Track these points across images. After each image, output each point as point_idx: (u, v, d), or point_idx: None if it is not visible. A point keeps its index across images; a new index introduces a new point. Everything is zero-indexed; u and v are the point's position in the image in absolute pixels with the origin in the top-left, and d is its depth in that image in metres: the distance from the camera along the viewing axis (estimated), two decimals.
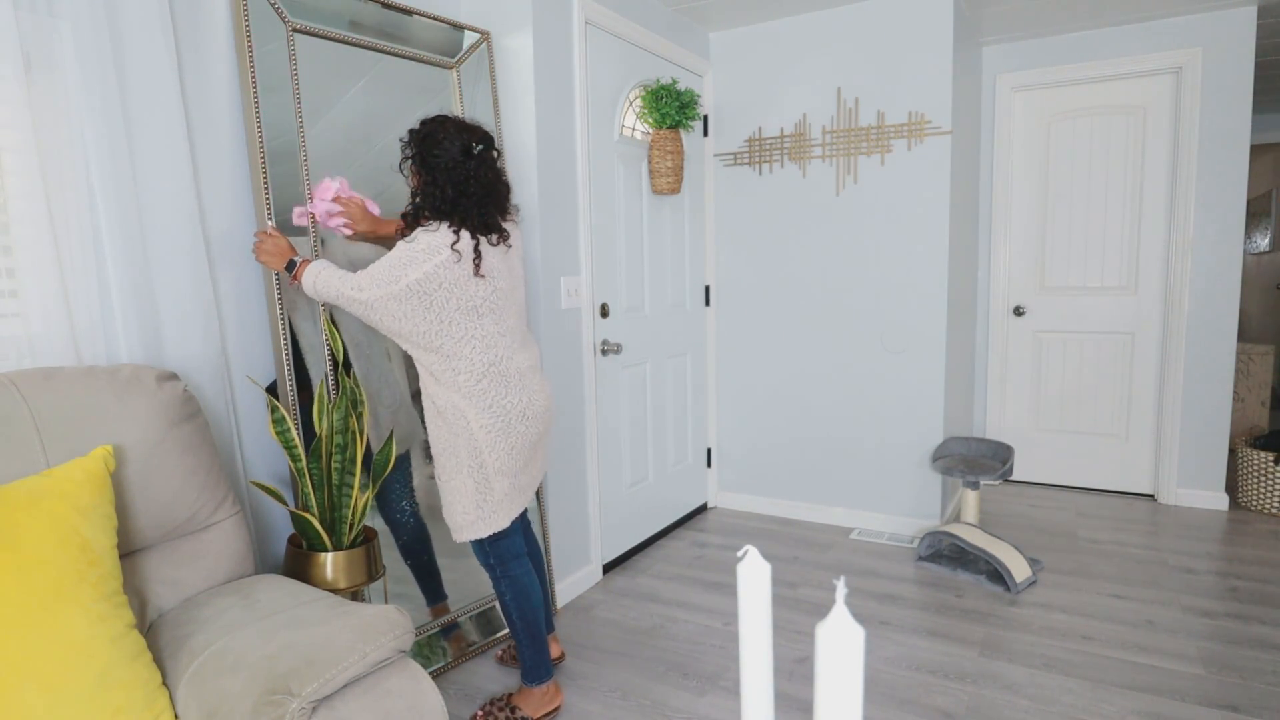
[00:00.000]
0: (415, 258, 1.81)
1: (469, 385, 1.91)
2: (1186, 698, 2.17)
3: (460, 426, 1.93)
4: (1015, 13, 3.51)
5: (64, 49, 1.63)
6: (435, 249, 1.81)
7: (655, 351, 3.45)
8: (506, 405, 1.94)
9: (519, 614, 2.06)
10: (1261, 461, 3.64)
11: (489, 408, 1.92)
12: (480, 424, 1.92)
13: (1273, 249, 6.30)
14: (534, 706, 2.09)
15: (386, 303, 1.82)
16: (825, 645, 0.55)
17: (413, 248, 1.81)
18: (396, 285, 1.81)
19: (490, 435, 1.93)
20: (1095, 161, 3.93)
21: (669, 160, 3.30)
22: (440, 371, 1.91)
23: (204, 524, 1.62)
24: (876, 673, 2.35)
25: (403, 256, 1.81)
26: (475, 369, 1.90)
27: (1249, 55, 3.51)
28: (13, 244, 1.60)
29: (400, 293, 1.81)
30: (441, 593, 2.46)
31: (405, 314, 1.83)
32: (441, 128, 1.89)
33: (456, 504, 1.99)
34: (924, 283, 3.36)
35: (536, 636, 2.08)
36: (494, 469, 1.96)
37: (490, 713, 2.08)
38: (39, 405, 1.39)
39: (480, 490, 1.97)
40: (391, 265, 1.82)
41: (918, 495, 3.49)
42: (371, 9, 2.30)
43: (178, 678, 1.30)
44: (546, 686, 2.11)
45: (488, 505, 1.98)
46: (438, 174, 1.86)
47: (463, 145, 1.87)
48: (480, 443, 1.94)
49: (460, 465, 1.96)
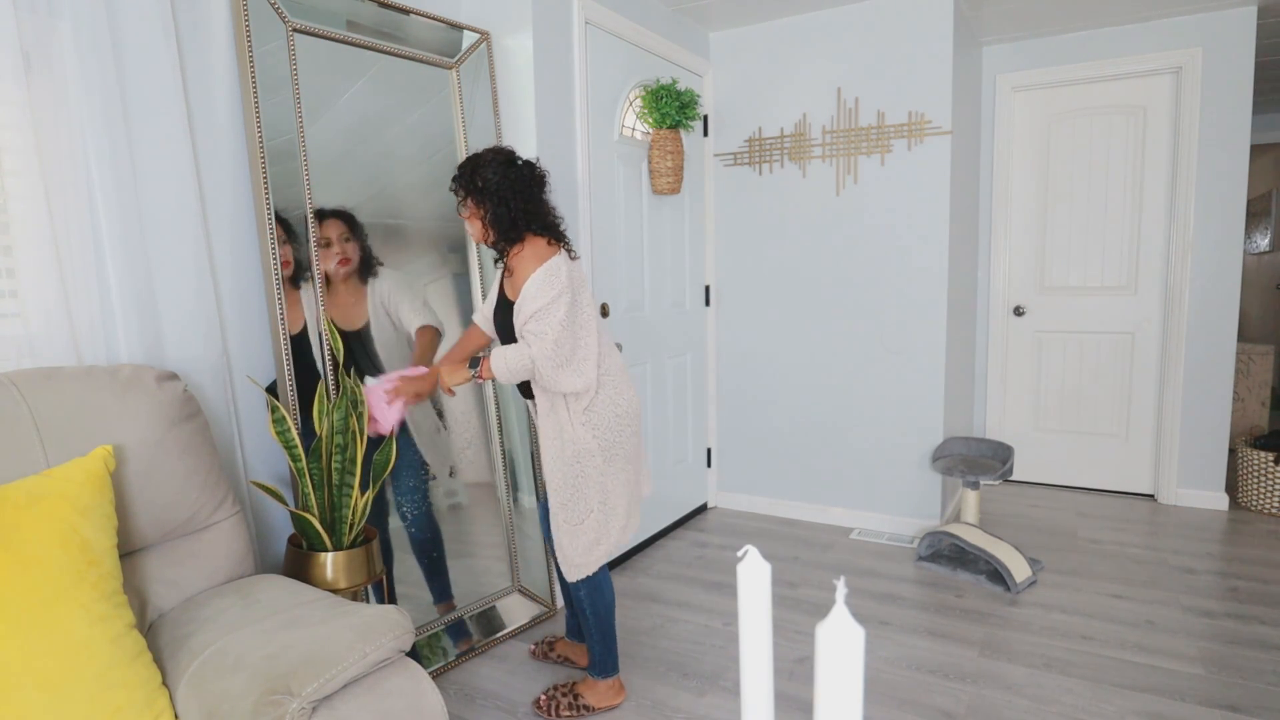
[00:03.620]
0: (550, 276, 1.88)
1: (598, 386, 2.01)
2: (1186, 698, 2.17)
3: (587, 460, 2.01)
4: (1015, 13, 3.51)
5: (64, 49, 1.63)
6: (547, 261, 1.90)
7: (655, 351, 3.45)
8: (618, 405, 2.04)
9: (592, 609, 2.10)
10: (1261, 461, 3.64)
11: (608, 405, 2.02)
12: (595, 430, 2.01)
13: (1273, 249, 6.30)
14: (598, 697, 2.15)
15: (560, 330, 1.88)
16: (825, 645, 0.55)
17: (534, 278, 1.88)
18: (558, 308, 1.88)
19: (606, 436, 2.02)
20: (1095, 161, 3.93)
21: (669, 160, 3.30)
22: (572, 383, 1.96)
23: (204, 524, 1.62)
24: (876, 673, 2.35)
25: (540, 286, 1.88)
26: (602, 366, 2.01)
27: (1249, 55, 3.51)
28: (13, 244, 1.60)
29: (563, 316, 1.88)
30: (449, 591, 2.48)
31: (568, 330, 1.91)
32: (479, 157, 1.97)
33: (581, 541, 2.05)
34: (924, 283, 3.36)
35: (607, 632, 2.12)
36: (614, 489, 2.04)
37: (554, 697, 2.14)
38: (39, 405, 1.39)
39: (607, 520, 2.05)
40: (541, 299, 1.88)
41: (918, 495, 3.49)
42: (371, 9, 2.30)
43: (178, 678, 1.30)
44: (613, 681, 2.16)
45: (615, 532, 2.07)
46: (493, 196, 1.92)
47: (504, 160, 1.95)
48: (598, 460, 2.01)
49: (590, 505, 2.03)
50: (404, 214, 2.40)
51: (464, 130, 2.56)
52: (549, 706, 2.13)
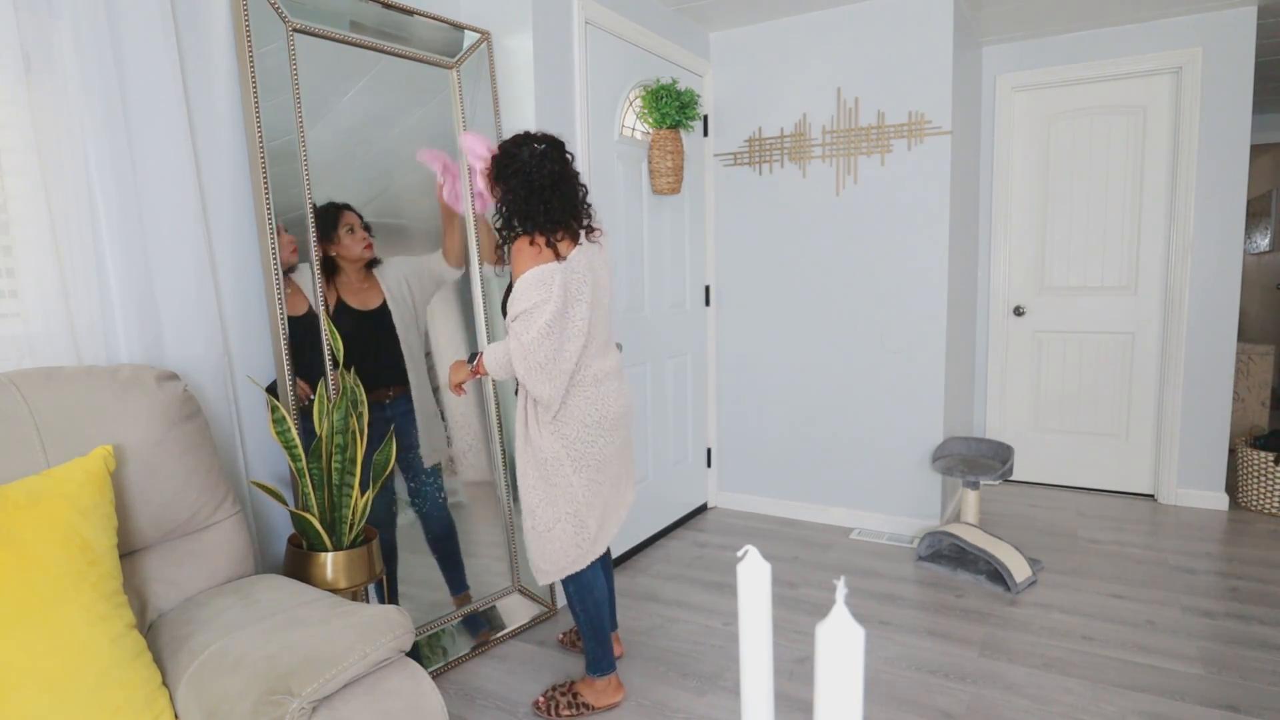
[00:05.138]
0: (540, 281, 1.88)
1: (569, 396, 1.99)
2: (1186, 698, 2.17)
3: (555, 468, 2.00)
4: (1015, 13, 3.51)
5: (64, 49, 1.63)
6: (543, 266, 1.89)
7: (655, 351, 3.45)
8: (591, 413, 2.01)
9: (582, 607, 2.11)
10: (1261, 461, 3.64)
11: (571, 415, 2.00)
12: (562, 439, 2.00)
13: (1273, 249, 6.30)
14: (596, 696, 2.16)
15: (539, 335, 1.88)
16: (825, 645, 0.55)
17: (526, 277, 1.89)
18: (542, 314, 1.87)
19: (574, 448, 2.01)
20: (1095, 161, 3.93)
21: (669, 160, 3.30)
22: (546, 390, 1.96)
23: (204, 524, 1.62)
24: (876, 673, 2.35)
25: (529, 288, 1.88)
26: (576, 376, 2.00)
27: (1249, 55, 3.51)
28: (13, 244, 1.60)
29: (544, 323, 1.87)
30: (464, 582, 2.51)
31: (548, 337, 1.90)
32: (514, 140, 1.99)
33: (549, 549, 2.05)
34: (924, 283, 3.36)
35: (599, 630, 2.13)
36: (584, 500, 2.03)
37: (553, 697, 2.15)
38: (39, 405, 1.39)
39: (577, 530, 2.04)
40: (526, 301, 1.88)
41: (918, 495, 3.49)
42: (371, 9, 2.30)
43: (178, 678, 1.30)
44: (608, 679, 2.17)
45: (584, 542, 2.06)
46: (511, 179, 1.95)
47: (530, 149, 1.96)
48: (567, 470, 2.01)
49: (559, 513, 2.02)
50: (404, 214, 2.40)
51: (464, 130, 2.56)
52: (548, 707, 2.13)
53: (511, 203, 1.95)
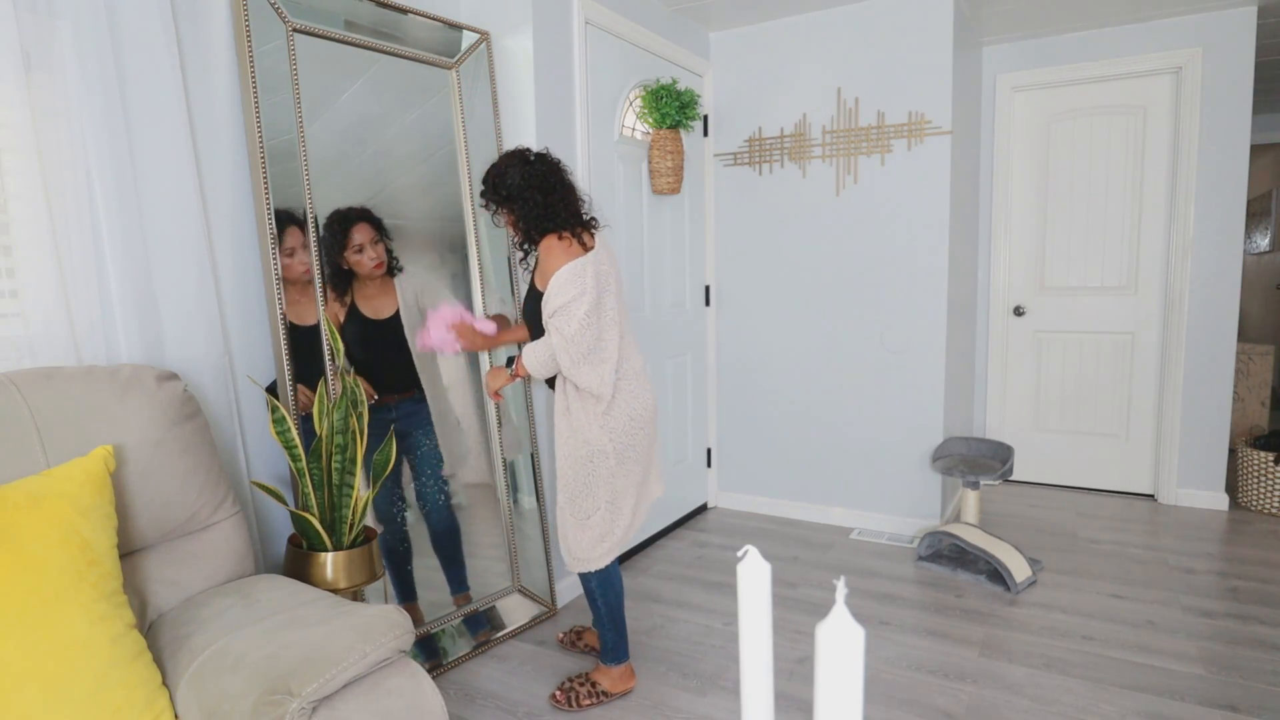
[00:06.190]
0: (575, 274, 1.94)
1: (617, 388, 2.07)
2: (1186, 698, 2.17)
3: (600, 460, 2.06)
4: (1015, 13, 3.51)
5: (64, 49, 1.63)
6: (575, 260, 1.95)
7: (655, 351, 3.45)
8: (634, 407, 2.09)
9: (604, 599, 2.18)
10: (1261, 461, 3.64)
11: (621, 409, 2.08)
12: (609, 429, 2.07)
13: (1273, 249, 6.30)
14: (612, 682, 2.22)
15: (580, 326, 1.94)
16: (825, 645, 0.55)
17: (561, 273, 1.94)
18: (580, 305, 1.93)
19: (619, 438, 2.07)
20: (1095, 161, 3.93)
21: (669, 160, 3.30)
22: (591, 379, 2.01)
23: (204, 524, 1.62)
24: (876, 673, 2.35)
25: (565, 282, 1.93)
26: (621, 369, 2.07)
27: (1249, 55, 3.51)
28: (13, 244, 1.60)
29: (584, 313, 1.93)
30: (465, 582, 2.52)
31: (588, 328, 1.95)
32: (497, 166, 2.06)
33: (585, 537, 2.11)
34: (924, 283, 3.36)
35: (618, 620, 2.21)
36: (621, 489, 2.10)
37: (571, 689, 2.20)
38: (39, 405, 1.39)
39: (614, 518, 2.11)
40: (564, 295, 1.93)
41: (918, 495, 3.49)
42: (371, 9, 2.30)
43: (178, 677, 1.30)
44: (625, 666, 2.24)
45: (619, 529, 2.13)
46: (519, 197, 2.01)
47: (519, 159, 2.03)
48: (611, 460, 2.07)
49: (598, 502, 2.08)
50: (403, 213, 2.40)
51: (463, 130, 2.56)
52: (568, 699, 2.17)
53: (526, 213, 2.02)
